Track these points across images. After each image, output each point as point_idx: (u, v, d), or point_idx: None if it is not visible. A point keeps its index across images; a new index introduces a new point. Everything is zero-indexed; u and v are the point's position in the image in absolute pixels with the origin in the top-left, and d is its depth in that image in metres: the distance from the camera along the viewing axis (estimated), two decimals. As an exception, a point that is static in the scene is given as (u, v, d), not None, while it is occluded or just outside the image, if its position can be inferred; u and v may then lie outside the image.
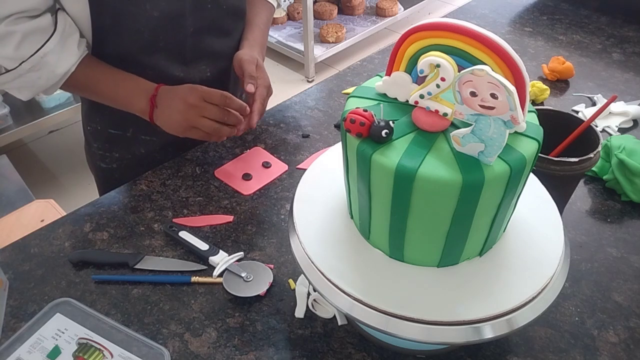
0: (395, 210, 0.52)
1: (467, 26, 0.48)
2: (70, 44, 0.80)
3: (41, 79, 0.79)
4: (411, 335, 0.53)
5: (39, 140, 2.39)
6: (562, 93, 1.10)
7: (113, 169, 1.02)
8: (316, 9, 2.85)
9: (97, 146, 1.01)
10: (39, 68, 0.78)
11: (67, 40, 0.79)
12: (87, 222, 0.84)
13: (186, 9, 0.85)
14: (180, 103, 0.82)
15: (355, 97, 0.57)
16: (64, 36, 0.79)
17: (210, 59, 0.95)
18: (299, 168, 0.93)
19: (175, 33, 0.87)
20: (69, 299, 0.70)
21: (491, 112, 0.47)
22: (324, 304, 0.70)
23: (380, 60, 1.23)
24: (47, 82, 0.80)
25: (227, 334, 0.68)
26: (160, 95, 0.84)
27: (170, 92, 0.84)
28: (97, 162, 1.03)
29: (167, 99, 0.83)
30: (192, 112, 0.81)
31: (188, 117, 0.81)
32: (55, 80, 0.80)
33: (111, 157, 1.01)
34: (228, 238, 0.80)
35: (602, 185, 0.88)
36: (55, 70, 0.79)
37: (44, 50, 0.76)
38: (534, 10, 1.41)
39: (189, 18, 0.86)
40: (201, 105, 0.81)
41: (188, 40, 0.89)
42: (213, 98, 0.81)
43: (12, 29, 0.74)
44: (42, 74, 0.78)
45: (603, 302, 0.71)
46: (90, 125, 1.00)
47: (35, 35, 0.76)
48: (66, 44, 0.79)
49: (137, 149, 0.99)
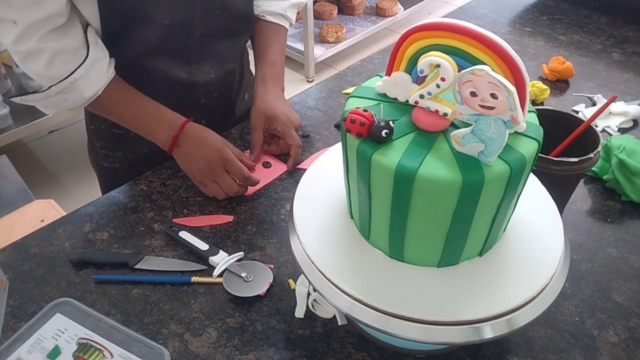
0: (395, 210, 0.52)
1: (467, 26, 0.48)
2: (99, 68, 0.80)
3: (68, 100, 0.80)
4: (411, 335, 0.53)
5: (39, 140, 2.39)
6: (562, 93, 1.10)
7: (116, 169, 1.02)
8: (316, 9, 2.85)
9: (100, 145, 1.01)
10: (68, 91, 0.79)
11: (97, 64, 0.79)
12: (87, 222, 0.84)
13: (195, 15, 0.85)
14: (201, 159, 0.84)
15: (355, 97, 0.57)
16: (95, 60, 0.79)
17: (215, 60, 0.95)
18: (299, 168, 0.93)
19: (182, 38, 0.87)
20: (69, 299, 0.70)
21: (491, 112, 0.47)
22: (324, 304, 0.70)
23: (380, 60, 1.23)
24: (74, 103, 0.81)
25: (227, 334, 0.68)
26: (186, 135, 0.85)
27: (195, 141, 0.85)
28: (100, 161, 1.03)
29: (190, 146, 0.85)
30: (208, 175, 0.84)
31: (203, 176, 0.85)
32: (82, 102, 0.82)
33: (114, 156, 1.01)
34: (228, 238, 0.80)
35: (602, 185, 0.88)
36: (83, 94, 0.80)
37: (74, 76, 0.77)
38: (534, 10, 1.41)
39: (197, 24, 0.87)
40: (218, 172, 0.84)
41: (195, 43, 0.89)
42: (233, 171, 0.84)
43: (43, 46, 0.74)
44: (70, 97, 0.80)
45: (603, 302, 0.71)
46: (93, 125, 1.00)
47: (65, 55, 0.76)
48: (96, 68, 0.79)
49: (140, 149, 1.00)
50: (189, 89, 0.94)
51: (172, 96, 0.89)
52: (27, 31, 0.73)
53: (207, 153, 0.83)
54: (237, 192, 0.85)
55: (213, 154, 0.83)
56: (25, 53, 0.74)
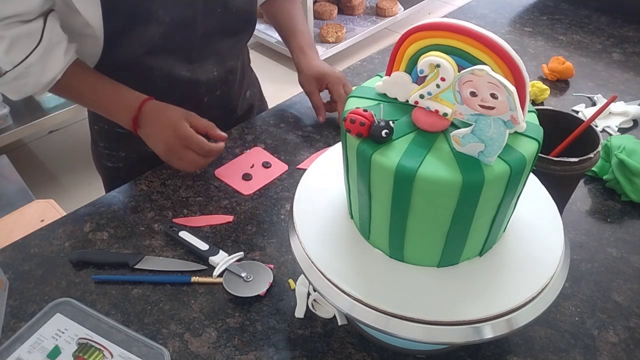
0: (395, 210, 0.52)
1: (467, 26, 0.48)
2: (56, 53, 0.80)
3: (27, 86, 0.81)
4: (411, 335, 0.53)
5: (39, 140, 2.39)
6: (562, 93, 1.10)
7: (119, 168, 1.03)
8: (316, 9, 2.85)
9: (104, 145, 1.01)
10: (24, 77, 0.79)
11: (53, 49, 0.80)
12: (87, 222, 0.84)
13: (197, 14, 0.86)
14: (160, 141, 0.83)
15: (355, 97, 0.57)
16: (50, 46, 0.79)
17: (217, 58, 0.95)
18: (299, 168, 0.93)
19: (184, 36, 0.88)
20: (69, 299, 0.70)
21: (491, 112, 0.47)
22: (324, 304, 0.70)
23: (380, 60, 1.23)
24: (34, 88, 0.81)
25: (227, 334, 0.68)
26: (144, 115, 0.84)
27: (154, 119, 0.84)
28: (103, 161, 1.04)
29: (150, 125, 0.84)
30: (170, 154, 0.83)
31: (166, 155, 0.84)
32: (41, 87, 0.82)
33: (117, 156, 1.02)
34: (228, 238, 0.80)
35: (602, 185, 0.88)
36: (40, 79, 0.80)
37: (28, 62, 0.77)
38: (534, 10, 1.41)
39: (199, 22, 0.87)
40: (178, 150, 0.83)
41: (196, 42, 0.90)
42: (193, 147, 0.83)
43: (3, 34, 0.75)
44: (28, 82, 0.80)
45: (603, 302, 0.71)
46: (97, 125, 1.00)
47: (23, 41, 0.77)
48: (52, 53, 0.80)
49: (143, 149, 0.99)
50: (191, 87, 0.94)
51: (175, 95, 0.90)
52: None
53: (164, 133, 0.83)
54: (203, 164, 0.86)
55: (169, 134, 0.82)
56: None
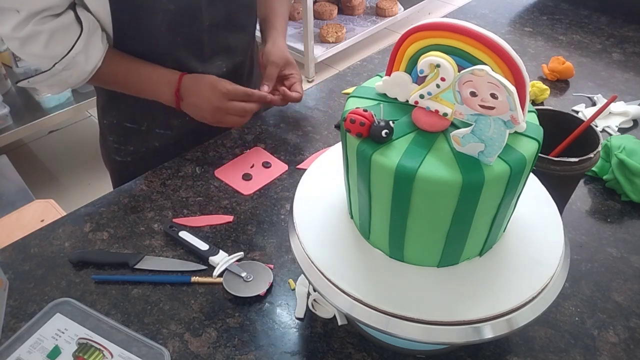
0: (395, 210, 0.52)
1: (467, 26, 0.48)
2: (95, 40, 0.83)
3: (72, 76, 0.83)
4: (411, 335, 0.53)
5: (39, 140, 2.39)
6: (562, 93, 1.10)
7: (128, 162, 1.04)
8: (316, 9, 2.85)
9: (113, 139, 1.02)
10: (71, 67, 0.82)
11: (92, 36, 0.82)
12: (87, 222, 0.84)
13: (202, 2, 0.87)
14: (205, 103, 0.87)
15: (355, 97, 0.57)
16: (90, 33, 0.82)
17: (226, 54, 0.97)
18: (299, 168, 0.93)
19: (192, 27, 0.89)
20: (69, 299, 0.70)
21: (491, 112, 0.47)
22: (324, 304, 0.70)
23: (380, 60, 1.23)
24: (77, 79, 0.84)
25: (227, 334, 0.68)
26: (185, 87, 0.88)
27: (195, 87, 0.88)
28: (112, 155, 1.05)
29: (192, 94, 0.88)
30: (218, 112, 0.88)
31: (214, 116, 0.89)
32: (85, 76, 0.84)
33: (126, 150, 1.02)
34: (228, 238, 0.80)
35: (602, 185, 0.88)
36: (85, 67, 0.83)
37: (75, 50, 0.80)
38: (534, 10, 1.41)
39: (204, 12, 0.89)
40: (225, 106, 0.87)
41: (205, 35, 0.91)
42: (238, 96, 0.88)
43: (40, 29, 0.77)
44: (74, 72, 0.83)
45: (603, 302, 0.71)
46: (106, 119, 1.01)
47: (61, 34, 0.79)
48: (91, 41, 0.82)
49: (151, 143, 1.01)
50: None
51: None
52: (27, 18, 0.76)
53: (206, 95, 0.87)
54: (253, 110, 0.90)
55: (210, 93, 0.87)
56: (24, 38, 0.77)
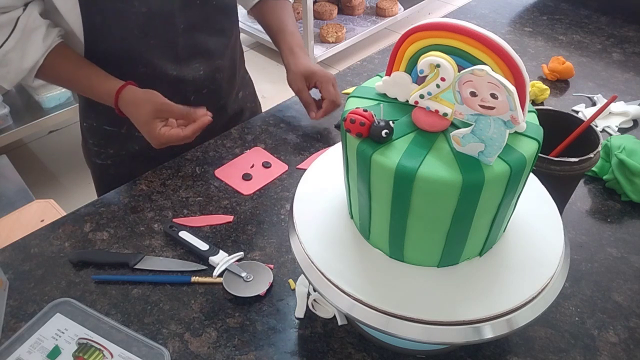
0: (395, 210, 0.52)
1: (467, 26, 0.48)
2: (34, 38, 0.81)
3: (10, 73, 0.82)
4: (411, 335, 0.53)
5: (39, 140, 2.39)
6: (562, 93, 1.10)
7: (108, 165, 1.03)
8: (316, 9, 2.85)
9: (93, 142, 1.02)
10: (5, 65, 0.81)
11: (30, 35, 0.81)
12: (87, 222, 0.84)
13: (175, 6, 0.86)
14: (143, 126, 0.83)
15: (355, 97, 0.57)
16: (26, 32, 0.80)
17: (203, 57, 0.95)
18: (299, 168, 0.93)
19: (165, 30, 0.88)
20: (69, 299, 0.70)
21: (491, 112, 0.47)
22: (324, 304, 0.70)
23: (380, 60, 1.23)
24: (16, 75, 0.83)
25: (227, 334, 0.68)
26: (123, 103, 0.84)
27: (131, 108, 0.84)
28: (92, 158, 1.04)
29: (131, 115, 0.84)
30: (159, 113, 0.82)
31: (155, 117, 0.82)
32: (24, 73, 0.83)
33: (106, 153, 1.02)
34: (228, 238, 0.80)
35: (602, 185, 0.88)
36: (21, 65, 0.82)
37: (4, 49, 0.79)
38: (534, 10, 1.41)
39: (178, 15, 0.87)
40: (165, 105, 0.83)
41: (180, 38, 0.90)
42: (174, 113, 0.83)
43: None
44: (10, 69, 0.82)
45: (603, 302, 0.71)
46: (86, 122, 1.01)
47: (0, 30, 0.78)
48: (30, 39, 0.81)
49: (131, 146, 1.00)
50: (178, 85, 0.94)
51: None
52: None
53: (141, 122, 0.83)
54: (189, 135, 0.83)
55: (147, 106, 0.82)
56: None
